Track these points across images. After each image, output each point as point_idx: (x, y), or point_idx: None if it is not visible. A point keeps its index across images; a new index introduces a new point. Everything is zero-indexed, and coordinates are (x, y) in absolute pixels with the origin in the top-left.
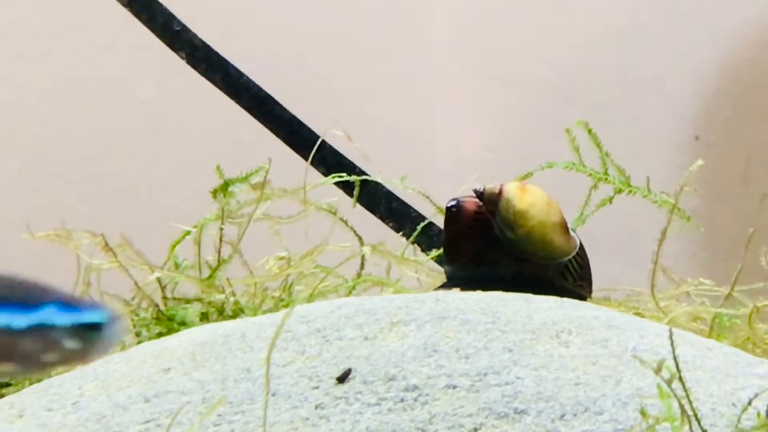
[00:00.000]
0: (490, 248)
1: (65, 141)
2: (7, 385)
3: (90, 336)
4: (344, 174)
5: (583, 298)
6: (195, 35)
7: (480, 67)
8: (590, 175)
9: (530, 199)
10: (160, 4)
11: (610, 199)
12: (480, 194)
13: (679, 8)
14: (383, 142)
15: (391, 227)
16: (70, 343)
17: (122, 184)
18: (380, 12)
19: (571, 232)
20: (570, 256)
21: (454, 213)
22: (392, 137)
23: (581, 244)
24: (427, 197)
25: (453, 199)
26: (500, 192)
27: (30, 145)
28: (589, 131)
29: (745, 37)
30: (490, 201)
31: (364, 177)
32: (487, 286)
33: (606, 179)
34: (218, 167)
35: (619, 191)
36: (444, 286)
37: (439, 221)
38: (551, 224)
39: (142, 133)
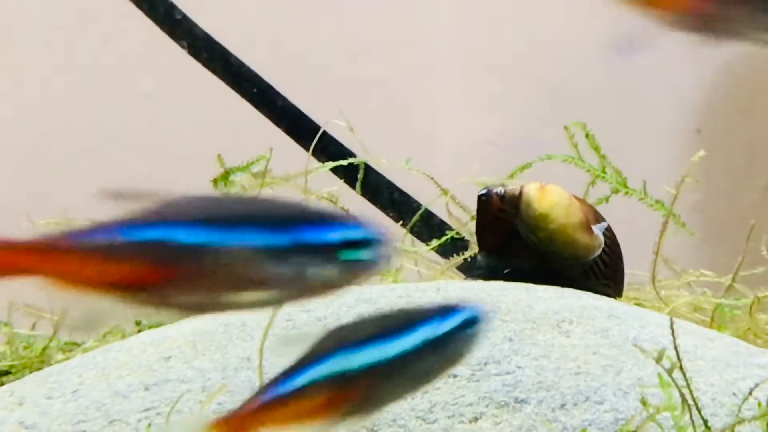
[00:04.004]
0: (514, 240)
1: (66, 133)
2: (7, 373)
3: (355, 257)
4: (346, 161)
5: (610, 296)
6: (196, 25)
7: (482, 61)
8: (588, 171)
9: (550, 202)
10: None
11: (607, 199)
12: (501, 197)
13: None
14: (385, 134)
15: (392, 217)
16: (333, 267)
17: (123, 176)
18: (383, 3)
19: (596, 230)
20: (594, 255)
21: (483, 202)
22: (394, 130)
23: (615, 242)
24: (432, 178)
25: (484, 188)
26: (520, 194)
27: (31, 137)
28: (587, 135)
29: None
30: (511, 203)
31: (367, 159)
32: (511, 278)
33: (603, 177)
34: (219, 156)
35: (616, 191)
36: (471, 276)
37: (440, 207)
38: (572, 225)
39: (143, 124)
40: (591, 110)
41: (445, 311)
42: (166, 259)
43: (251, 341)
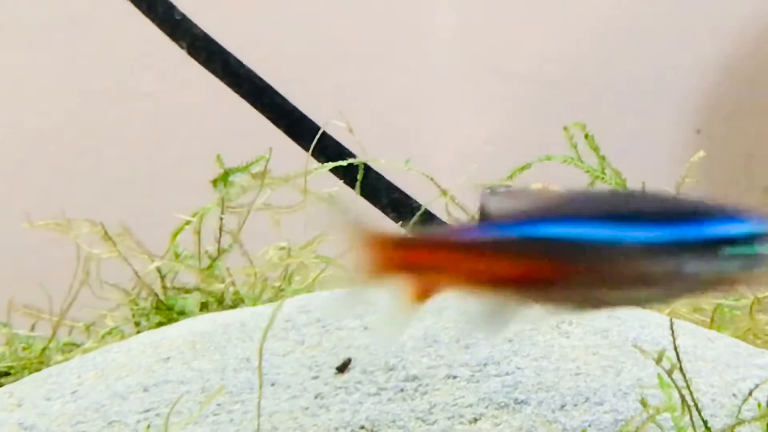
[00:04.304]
0: None
1: (66, 133)
2: (6, 374)
3: (743, 252)
4: (346, 162)
5: None
6: (195, 25)
7: (481, 61)
8: (587, 171)
9: None
10: None
11: None
12: None
13: (680, 2)
14: (384, 135)
15: (391, 218)
16: (720, 264)
17: (122, 175)
18: (382, 4)
19: None
20: None
21: None
22: (393, 130)
23: None
24: (431, 179)
25: (487, 188)
26: None
27: (31, 136)
28: (586, 135)
29: (747, 31)
30: None
31: (366, 160)
32: None
33: (603, 178)
34: (218, 157)
35: None
36: None
37: (439, 207)
38: None
39: (142, 124)
40: (590, 111)
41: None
42: (558, 256)
43: (250, 342)
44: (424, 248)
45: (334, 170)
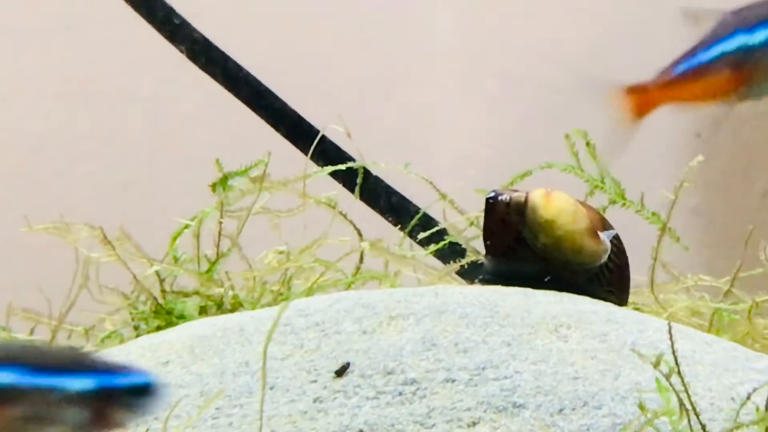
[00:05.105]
0: (521, 244)
1: (64, 136)
2: None
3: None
4: (344, 165)
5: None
6: (195, 29)
7: (480, 64)
8: (587, 181)
9: (556, 208)
10: None
11: (604, 209)
12: (507, 203)
13: (680, 5)
14: (383, 138)
15: (391, 222)
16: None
17: (122, 180)
18: (381, 7)
19: (603, 237)
20: (600, 262)
21: (490, 205)
22: (392, 134)
23: (622, 250)
24: (430, 183)
25: (492, 191)
26: (526, 201)
27: (29, 140)
28: (587, 143)
29: None
30: (517, 210)
31: (365, 163)
32: (516, 283)
33: (602, 187)
34: (217, 161)
35: (613, 202)
36: (479, 280)
37: (438, 211)
38: (579, 231)
39: (141, 128)
40: (590, 114)
41: None
42: (743, 62)
43: (249, 346)
44: (660, 86)
45: (333, 174)
